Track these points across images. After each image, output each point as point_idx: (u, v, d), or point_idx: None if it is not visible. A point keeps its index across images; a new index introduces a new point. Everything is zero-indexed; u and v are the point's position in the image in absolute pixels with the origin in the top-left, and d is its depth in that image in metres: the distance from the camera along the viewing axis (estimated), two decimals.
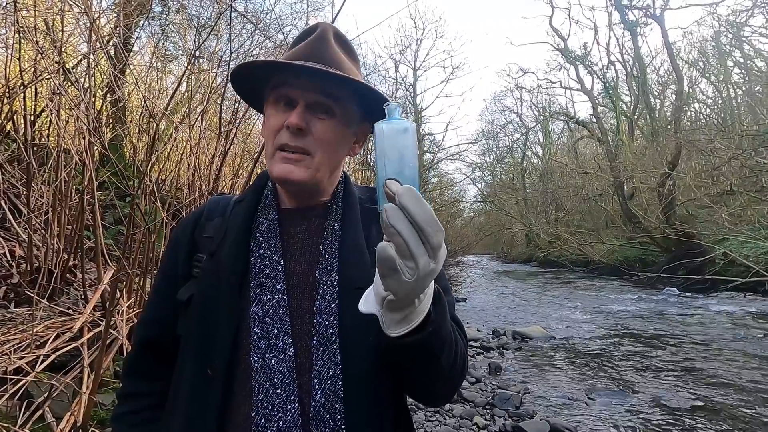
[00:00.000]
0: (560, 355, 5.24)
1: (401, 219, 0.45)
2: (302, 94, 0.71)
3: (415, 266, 0.46)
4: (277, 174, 0.72)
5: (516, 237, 31.37)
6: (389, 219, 0.45)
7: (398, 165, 0.50)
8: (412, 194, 0.46)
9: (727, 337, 5.73)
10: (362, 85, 0.73)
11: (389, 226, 0.45)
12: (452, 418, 3.36)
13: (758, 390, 3.83)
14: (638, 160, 14.38)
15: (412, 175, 0.51)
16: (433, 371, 0.62)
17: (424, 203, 0.46)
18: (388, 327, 0.53)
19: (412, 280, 0.47)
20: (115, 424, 0.79)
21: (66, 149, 2.74)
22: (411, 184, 0.48)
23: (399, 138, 0.52)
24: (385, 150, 0.51)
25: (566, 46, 19.86)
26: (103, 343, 1.86)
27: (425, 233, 0.46)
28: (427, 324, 0.55)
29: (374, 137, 0.53)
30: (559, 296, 10.58)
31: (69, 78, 2.99)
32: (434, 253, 0.47)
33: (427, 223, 0.46)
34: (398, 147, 0.51)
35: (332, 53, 0.73)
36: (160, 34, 6.10)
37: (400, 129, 0.52)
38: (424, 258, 0.46)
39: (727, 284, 7.36)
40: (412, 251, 0.45)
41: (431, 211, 0.46)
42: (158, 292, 0.83)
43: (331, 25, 0.77)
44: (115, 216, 4.10)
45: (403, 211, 0.45)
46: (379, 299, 0.51)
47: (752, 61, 15.11)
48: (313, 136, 0.71)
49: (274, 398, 0.63)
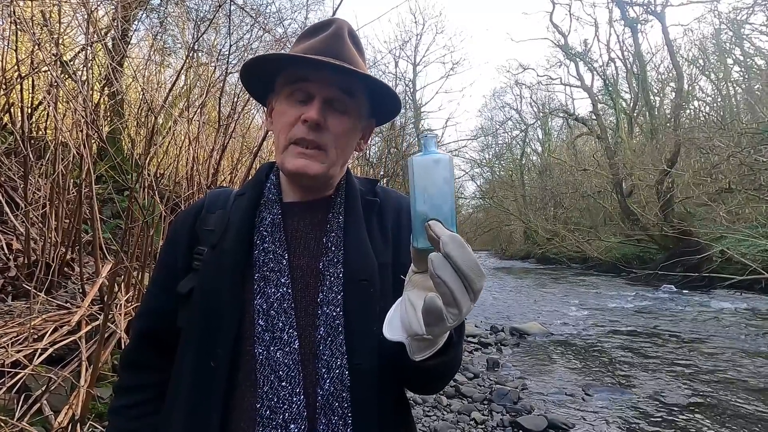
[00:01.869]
0: (558, 352, 5.26)
1: (447, 269, 0.46)
2: (321, 89, 0.71)
3: (458, 312, 0.47)
4: (292, 168, 0.72)
5: (514, 234, 31.42)
6: (435, 269, 0.46)
7: (437, 201, 0.49)
8: (457, 242, 0.46)
9: (724, 335, 5.76)
10: (380, 83, 0.74)
11: (435, 276, 0.46)
12: (450, 413, 3.37)
13: (754, 387, 3.86)
14: (637, 157, 14.38)
15: (450, 211, 0.49)
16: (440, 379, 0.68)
17: (468, 250, 0.46)
18: (414, 353, 0.54)
19: (453, 323, 0.48)
20: (113, 417, 0.79)
21: (63, 142, 2.72)
22: (450, 222, 0.48)
23: (436, 171, 0.50)
24: (423, 184, 0.50)
25: (566, 42, 19.81)
26: (101, 337, 1.85)
27: (469, 281, 0.46)
28: (449, 348, 0.58)
29: (410, 170, 0.51)
30: (557, 293, 10.61)
31: (66, 70, 2.97)
32: (476, 297, 0.48)
33: (472, 271, 0.46)
34: (436, 181, 0.50)
35: (348, 50, 0.74)
36: (159, 27, 6.05)
37: (437, 161, 0.50)
38: (468, 304, 0.47)
39: (724, 282, 7.39)
40: (457, 299, 0.46)
41: (475, 258, 0.46)
42: (157, 284, 0.83)
43: (346, 22, 0.77)
44: (113, 210, 4.09)
45: (448, 259, 0.46)
46: (411, 333, 0.51)
47: (752, 59, 15.11)
48: (329, 131, 0.72)
49: (279, 390, 0.63)
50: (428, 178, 0.50)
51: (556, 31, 19.88)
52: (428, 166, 0.50)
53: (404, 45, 21.84)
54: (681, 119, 13.84)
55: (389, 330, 0.54)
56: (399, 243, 0.77)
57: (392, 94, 0.77)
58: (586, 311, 7.85)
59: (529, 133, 29.02)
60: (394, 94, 0.77)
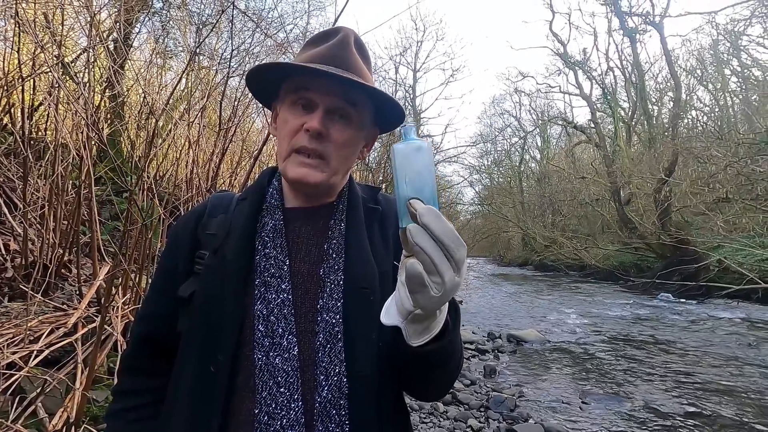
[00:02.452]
0: (555, 359, 5.25)
1: (425, 237, 0.48)
2: (324, 99, 0.72)
3: (441, 281, 0.48)
4: (293, 176, 0.73)
5: (512, 240, 31.41)
6: (413, 237, 0.48)
7: (418, 184, 0.52)
8: (434, 213, 0.49)
9: (720, 344, 5.76)
10: (382, 94, 0.75)
11: (414, 244, 0.48)
12: (447, 420, 3.36)
13: (750, 397, 3.85)
14: (635, 166, 14.44)
15: (431, 192, 0.53)
16: (440, 374, 0.66)
17: (445, 221, 0.49)
18: (411, 337, 0.55)
19: (439, 294, 0.49)
20: (111, 421, 0.78)
21: (63, 143, 2.72)
22: (431, 202, 0.51)
23: (416, 157, 0.54)
24: (405, 170, 0.53)
25: (566, 51, 19.96)
26: (97, 339, 1.84)
27: (448, 249, 0.48)
28: (446, 333, 0.58)
29: (392, 157, 0.55)
30: (555, 300, 10.60)
31: (68, 72, 2.98)
32: (458, 268, 0.49)
33: (450, 239, 0.48)
34: (416, 166, 0.53)
35: (353, 59, 0.74)
36: (161, 31, 6.08)
37: (417, 148, 0.54)
38: (450, 273, 0.48)
39: (721, 291, 7.41)
40: (438, 267, 0.48)
41: (452, 228, 0.48)
42: (157, 288, 0.83)
43: (352, 31, 0.77)
44: (111, 212, 4.08)
45: (426, 229, 0.48)
46: (405, 313, 0.53)
47: (749, 70, 15.24)
48: (331, 140, 0.73)
49: (278, 396, 0.64)
50: (409, 163, 0.53)
51: (556, 39, 20.06)
52: (409, 152, 0.54)
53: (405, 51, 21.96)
54: (679, 129, 13.93)
55: (386, 316, 0.55)
56: (400, 251, 0.77)
57: (395, 105, 0.77)
58: (584, 319, 7.85)
59: (528, 141, 29.16)
60: (397, 105, 0.77)
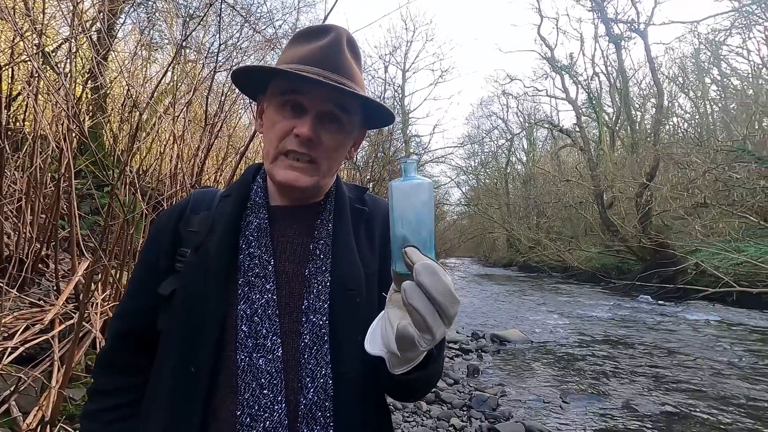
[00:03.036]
0: (537, 359, 5.32)
1: (420, 297, 0.46)
2: (315, 104, 0.70)
3: (431, 338, 0.47)
4: (281, 180, 0.71)
5: (498, 241, 31.75)
6: (408, 299, 0.46)
7: (415, 226, 0.50)
8: (430, 270, 0.47)
9: (696, 346, 5.92)
10: (374, 102, 0.74)
11: (408, 304, 0.46)
12: (430, 419, 3.38)
13: (724, 396, 3.97)
14: (618, 170, 14.72)
15: (428, 235, 0.50)
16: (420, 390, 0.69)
17: (441, 278, 0.47)
18: (394, 367, 0.54)
19: (427, 347, 0.48)
20: (86, 422, 0.76)
21: (43, 135, 2.65)
22: (428, 247, 0.49)
23: (415, 197, 0.51)
24: (402, 209, 0.50)
25: (553, 55, 20.21)
26: (75, 336, 1.80)
27: (442, 307, 0.46)
28: (429, 362, 0.58)
29: (390, 195, 0.52)
30: (538, 301, 10.75)
31: (48, 62, 2.90)
32: (450, 323, 0.48)
33: (445, 298, 0.46)
34: (415, 206, 0.50)
35: (345, 62, 0.72)
36: (146, 22, 5.96)
37: (416, 188, 0.51)
38: (441, 330, 0.47)
39: (697, 293, 7.59)
40: (430, 326, 0.46)
41: (448, 286, 0.47)
42: (137, 284, 0.81)
43: (345, 30, 0.75)
44: (92, 206, 3.98)
45: (421, 288, 0.46)
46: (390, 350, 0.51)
47: (728, 79, 15.66)
48: (322, 145, 0.71)
49: (261, 398, 0.62)
50: (407, 203, 0.50)
51: (544, 43, 20.30)
52: (407, 191, 0.51)
53: (395, 51, 22.00)
54: (660, 134, 14.24)
55: (370, 344, 0.55)
56: (386, 253, 0.77)
57: (386, 111, 0.77)
58: (566, 319, 7.98)
59: (515, 143, 29.46)
60: (388, 111, 0.77)
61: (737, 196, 9.51)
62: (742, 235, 8.80)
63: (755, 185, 8.71)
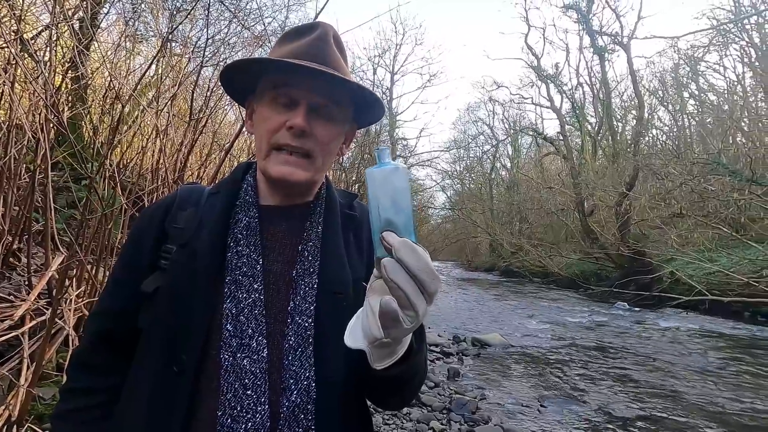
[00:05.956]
0: (516, 363, 5.39)
1: (400, 273, 0.47)
2: (306, 96, 0.70)
3: (414, 315, 0.48)
4: (276, 174, 0.71)
5: (480, 246, 32.03)
6: (389, 274, 0.47)
7: (392, 211, 0.50)
8: (408, 247, 0.47)
9: (670, 352, 6.08)
10: (368, 91, 0.74)
11: (389, 280, 0.47)
12: (409, 422, 3.38)
13: (696, 402, 4.08)
14: (599, 179, 15.04)
15: (405, 220, 0.51)
16: (402, 389, 0.67)
17: (420, 254, 0.47)
18: (375, 361, 0.54)
19: (411, 326, 0.48)
20: (58, 422, 0.73)
21: (18, 124, 2.56)
22: (405, 229, 0.50)
23: (391, 183, 0.51)
24: (378, 196, 0.51)
25: (539, 64, 20.58)
26: (47, 333, 1.74)
27: (423, 283, 0.47)
28: (410, 356, 0.57)
29: (367, 182, 0.52)
30: (519, 305, 10.89)
31: (27, 49, 2.81)
32: (431, 299, 0.49)
33: (425, 274, 0.47)
34: (391, 192, 0.51)
35: (333, 55, 0.73)
36: (131, 13, 5.83)
37: (391, 173, 0.52)
38: (423, 305, 0.48)
39: (672, 301, 7.80)
40: (412, 302, 0.47)
41: (427, 262, 0.48)
42: (118, 282, 0.78)
43: (330, 26, 0.76)
44: (68, 199, 3.86)
45: (401, 264, 0.47)
46: (372, 339, 0.51)
47: (706, 94, 16.19)
48: (315, 137, 0.71)
49: (244, 399, 0.61)
50: (384, 189, 0.51)
51: (530, 52, 20.64)
52: (383, 177, 0.52)
53: (384, 53, 22.10)
54: (640, 145, 14.62)
55: (351, 338, 0.54)
56: (373, 260, 0.77)
57: (377, 102, 0.77)
58: (545, 324, 8.10)
59: (500, 149, 29.83)
60: (379, 102, 0.77)
61: (711, 208, 9.82)
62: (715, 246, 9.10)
63: (728, 197, 9.02)
